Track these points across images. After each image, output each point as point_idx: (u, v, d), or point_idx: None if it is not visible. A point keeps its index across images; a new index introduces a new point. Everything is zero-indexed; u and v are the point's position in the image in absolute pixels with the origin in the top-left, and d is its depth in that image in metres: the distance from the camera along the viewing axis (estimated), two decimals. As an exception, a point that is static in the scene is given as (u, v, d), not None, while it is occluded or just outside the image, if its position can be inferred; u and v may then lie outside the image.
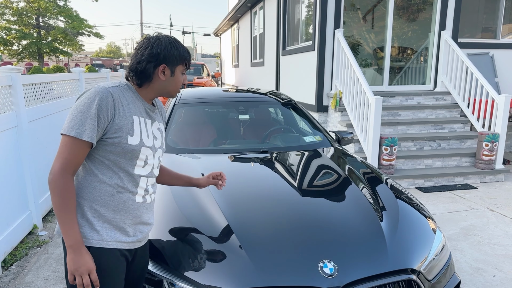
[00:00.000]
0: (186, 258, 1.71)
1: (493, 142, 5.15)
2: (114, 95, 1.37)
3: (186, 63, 1.50)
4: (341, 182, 2.37)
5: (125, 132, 1.38)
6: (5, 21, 23.62)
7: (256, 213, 1.97)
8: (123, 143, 1.38)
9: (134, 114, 1.42)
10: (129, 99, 1.43)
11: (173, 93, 1.52)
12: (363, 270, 1.66)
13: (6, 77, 3.27)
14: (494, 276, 2.91)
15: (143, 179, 1.48)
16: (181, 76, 1.50)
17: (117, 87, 1.41)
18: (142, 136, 1.44)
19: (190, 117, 3.45)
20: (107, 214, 1.41)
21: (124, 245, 1.45)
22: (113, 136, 1.36)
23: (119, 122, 1.37)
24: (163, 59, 1.42)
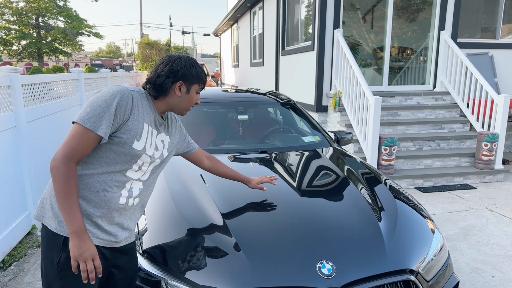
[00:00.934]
0: (184, 259, 1.71)
1: (492, 142, 5.15)
2: (134, 98, 1.43)
3: (202, 84, 1.58)
4: (339, 182, 2.37)
5: (133, 135, 1.42)
6: (5, 21, 23.61)
7: (254, 213, 1.97)
8: (128, 145, 1.41)
9: (146, 121, 1.47)
10: (144, 106, 1.48)
11: (184, 110, 1.59)
12: (361, 270, 1.66)
13: (5, 77, 3.27)
14: (493, 277, 2.91)
15: (130, 182, 1.49)
16: (195, 95, 1.58)
17: (137, 92, 1.48)
18: (146, 143, 1.48)
19: (189, 117, 3.44)
20: (88, 209, 1.41)
21: (100, 242, 1.45)
22: (121, 135, 1.39)
23: (131, 124, 1.41)
24: (181, 76, 1.51)
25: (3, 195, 3.15)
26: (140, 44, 26.65)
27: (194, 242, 1.78)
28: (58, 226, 1.39)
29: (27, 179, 3.56)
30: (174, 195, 2.17)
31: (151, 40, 26.43)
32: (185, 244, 1.78)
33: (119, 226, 1.51)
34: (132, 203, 1.53)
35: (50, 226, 1.40)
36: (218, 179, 2.36)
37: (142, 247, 1.80)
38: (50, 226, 1.40)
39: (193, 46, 43.34)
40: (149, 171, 1.56)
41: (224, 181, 2.33)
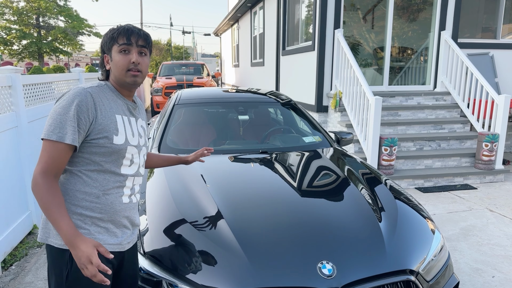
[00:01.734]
0: (185, 259, 1.72)
1: (492, 143, 5.15)
2: (94, 95, 1.34)
3: (117, 40, 1.39)
4: (340, 182, 2.37)
5: (110, 132, 1.35)
6: (5, 20, 23.62)
7: (255, 213, 1.97)
8: (109, 144, 1.35)
9: (116, 113, 1.40)
10: (110, 99, 1.40)
11: (122, 78, 1.40)
12: (362, 271, 1.67)
13: (6, 77, 3.28)
14: (493, 277, 2.91)
15: (130, 179, 1.46)
16: (118, 56, 1.39)
17: (96, 87, 1.39)
18: (127, 134, 1.42)
19: (189, 117, 3.45)
20: (93, 216, 1.37)
21: (113, 247, 1.42)
22: (98, 137, 1.33)
23: (102, 122, 1.34)
24: (102, 48, 1.44)
25: (4, 195, 3.16)
26: (140, 43, 26.63)
27: (195, 243, 1.79)
28: (62, 241, 1.33)
29: (28, 179, 3.57)
30: (175, 196, 2.18)
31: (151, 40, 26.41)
32: (186, 245, 1.79)
33: (128, 225, 1.49)
34: (136, 199, 1.52)
35: (56, 243, 1.35)
36: (219, 180, 2.36)
37: (144, 247, 1.81)
38: (56, 244, 1.35)
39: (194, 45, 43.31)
40: (142, 162, 1.52)
41: (224, 181, 2.34)
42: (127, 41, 1.38)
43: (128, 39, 1.38)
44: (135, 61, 1.38)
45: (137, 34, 1.40)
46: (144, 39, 1.41)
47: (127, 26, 1.41)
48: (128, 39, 1.38)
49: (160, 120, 3.45)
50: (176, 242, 1.81)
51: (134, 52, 1.39)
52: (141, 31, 1.42)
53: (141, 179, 1.53)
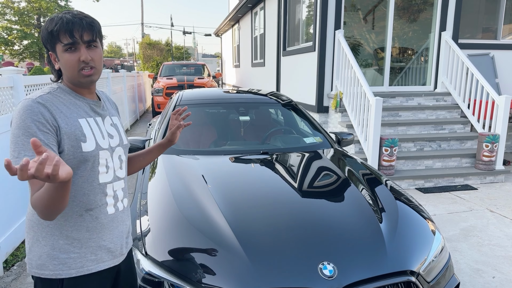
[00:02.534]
0: (186, 260, 1.73)
1: (493, 143, 5.15)
2: (46, 104, 1.16)
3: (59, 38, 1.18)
4: (340, 183, 2.38)
5: (76, 140, 1.19)
6: (7, 21, 23.67)
7: (256, 214, 1.98)
8: (78, 153, 1.19)
9: (79, 117, 1.23)
10: (67, 103, 1.22)
11: (76, 79, 1.22)
12: (363, 271, 1.67)
13: (8, 78, 3.29)
14: (494, 277, 2.92)
15: (109, 186, 1.31)
16: (65, 55, 1.19)
17: (47, 94, 1.20)
18: (96, 138, 1.25)
19: (190, 118, 3.46)
20: (81, 237, 1.24)
21: (108, 264, 1.32)
22: (64, 148, 1.17)
23: (66, 130, 1.17)
24: (45, 46, 1.23)
25: (6, 196, 3.17)
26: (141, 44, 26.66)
27: (197, 243, 1.80)
28: (54, 271, 1.22)
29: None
30: (176, 196, 2.19)
31: (152, 40, 26.45)
32: (187, 245, 1.80)
33: (120, 235, 1.37)
34: (122, 207, 1.38)
35: (45, 274, 1.22)
36: (220, 180, 2.37)
37: (145, 248, 1.82)
38: (45, 275, 1.22)
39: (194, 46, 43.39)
40: (118, 164, 1.36)
41: (225, 182, 2.34)
42: (71, 38, 1.17)
43: (72, 35, 1.17)
44: (85, 59, 1.19)
45: (79, 26, 1.17)
46: (89, 32, 1.20)
47: (66, 18, 1.17)
48: (71, 36, 1.17)
49: (161, 121, 3.47)
50: (178, 243, 1.82)
51: (82, 49, 1.19)
52: (83, 20, 1.19)
53: (122, 183, 1.38)
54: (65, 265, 1.23)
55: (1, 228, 3.06)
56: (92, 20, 1.22)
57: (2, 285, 2.84)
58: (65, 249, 1.23)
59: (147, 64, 25.95)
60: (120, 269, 1.42)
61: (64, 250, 1.22)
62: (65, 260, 1.23)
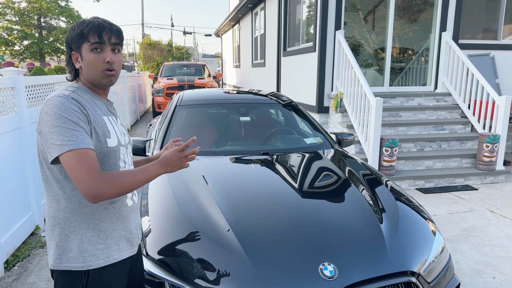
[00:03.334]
0: (187, 261, 1.73)
1: (493, 143, 5.16)
2: (75, 98, 1.23)
3: (88, 38, 1.25)
4: (341, 184, 2.38)
5: (103, 135, 1.27)
6: (7, 21, 23.67)
7: (257, 215, 1.98)
8: (104, 148, 1.27)
9: (102, 115, 1.31)
10: (89, 101, 1.29)
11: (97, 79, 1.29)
12: (363, 272, 1.68)
13: (8, 79, 3.30)
14: (494, 278, 2.92)
15: None
16: (91, 55, 1.26)
17: (72, 92, 1.26)
18: (118, 135, 1.35)
19: (191, 118, 3.47)
20: (106, 229, 1.32)
21: (128, 253, 1.40)
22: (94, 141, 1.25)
23: (95, 125, 1.26)
24: (69, 45, 1.30)
25: (7, 196, 3.17)
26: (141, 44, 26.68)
27: (197, 244, 1.80)
28: (84, 263, 1.27)
29: (30, 180, 3.59)
30: (177, 197, 2.19)
31: (152, 40, 26.45)
32: (188, 246, 1.80)
33: (137, 227, 1.47)
34: (136, 200, 1.49)
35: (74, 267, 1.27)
36: (221, 181, 2.37)
37: (146, 249, 1.82)
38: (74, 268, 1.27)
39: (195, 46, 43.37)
40: (131, 161, 1.45)
41: (226, 183, 2.35)
42: (99, 39, 1.25)
43: (100, 36, 1.25)
44: (110, 60, 1.27)
45: (109, 30, 1.27)
46: (117, 36, 1.30)
47: (97, 21, 1.27)
48: (100, 37, 1.25)
49: (162, 122, 3.47)
50: (179, 244, 1.82)
51: (108, 51, 1.28)
52: (112, 26, 1.29)
53: None
54: (94, 256, 1.29)
55: (2, 228, 3.06)
56: (120, 28, 1.34)
57: (3, 285, 2.85)
58: (93, 241, 1.29)
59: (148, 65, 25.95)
60: (133, 258, 1.49)
61: (92, 242, 1.29)
62: (93, 252, 1.29)
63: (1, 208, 3.06)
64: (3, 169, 3.13)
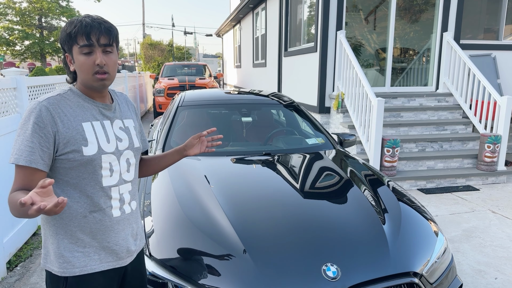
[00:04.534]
0: (190, 261, 1.73)
1: (495, 144, 5.15)
2: (50, 107, 1.20)
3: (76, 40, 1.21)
4: (343, 184, 2.39)
5: (77, 144, 1.22)
6: (8, 21, 23.71)
7: (259, 216, 1.99)
8: (79, 157, 1.22)
9: (83, 120, 1.25)
10: (74, 106, 1.26)
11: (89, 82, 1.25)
12: (366, 273, 1.68)
13: (11, 79, 3.30)
14: (496, 279, 2.92)
15: (114, 189, 1.31)
16: (81, 58, 1.22)
17: (56, 96, 1.24)
18: (99, 142, 1.27)
19: (193, 119, 3.47)
20: (85, 238, 1.27)
21: (112, 265, 1.33)
22: (65, 151, 1.21)
23: (67, 134, 1.21)
24: (63, 48, 1.27)
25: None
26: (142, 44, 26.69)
27: (200, 245, 1.80)
28: (60, 268, 1.27)
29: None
30: (179, 197, 2.19)
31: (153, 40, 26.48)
32: (191, 246, 1.80)
33: (126, 239, 1.36)
34: (129, 209, 1.38)
35: (53, 270, 1.28)
36: (223, 181, 2.37)
37: (149, 249, 1.83)
38: (53, 271, 1.28)
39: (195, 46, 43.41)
40: (126, 167, 1.36)
41: (228, 183, 2.35)
42: (87, 41, 1.20)
43: (88, 38, 1.20)
44: (100, 63, 1.22)
45: (97, 30, 1.21)
46: (106, 36, 1.23)
47: (85, 21, 1.21)
48: (88, 39, 1.20)
49: (163, 122, 3.47)
50: (182, 244, 1.83)
51: (98, 52, 1.22)
52: (101, 25, 1.22)
53: (129, 186, 1.38)
54: (69, 263, 1.26)
55: (5, 228, 3.07)
56: (111, 26, 1.25)
57: (5, 285, 2.85)
58: (70, 248, 1.26)
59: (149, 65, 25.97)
60: (127, 270, 1.42)
61: (68, 249, 1.26)
62: (69, 259, 1.26)
63: (3, 208, 3.06)
64: (5, 169, 3.14)
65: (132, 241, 1.40)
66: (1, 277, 2.92)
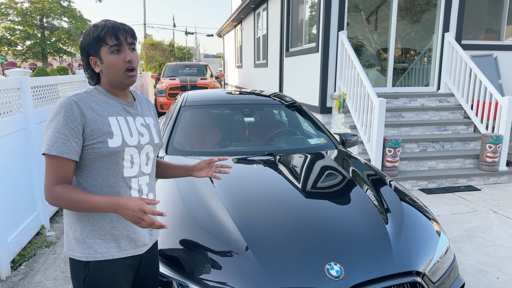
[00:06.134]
0: (195, 260, 1.75)
1: (496, 144, 5.16)
2: (79, 102, 1.29)
3: (106, 41, 1.31)
4: (346, 184, 2.40)
5: (104, 136, 1.31)
6: (10, 21, 23.76)
7: (262, 215, 2.00)
8: (104, 148, 1.30)
9: (109, 115, 1.34)
10: (100, 102, 1.35)
11: (119, 80, 1.35)
12: (369, 272, 1.69)
13: (15, 79, 3.32)
14: (498, 278, 2.93)
15: (134, 180, 1.40)
16: (111, 57, 1.32)
17: (84, 93, 1.34)
18: (123, 136, 1.35)
19: (196, 119, 3.48)
20: (106, 225, 1.35)
21: (130, 253, 1.41)
22: (92, 142, 1.30)
23: (94, 127, 1.29)
24: (86, 51, 1.35)
25: (13, 196, 3.20)
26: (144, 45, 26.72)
27: (204, 243, 1.82)
28: (82, 254, 1.35)
29: (36, 180, 3.61)
30: (183, 196, 2.21)
31: (155, 41, 26.50)
32: (196, 245, 1.82)
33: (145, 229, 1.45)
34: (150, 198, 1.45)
35: (76, 256, 1.36)
36: (226, 181, 2.39)
37: (154, 248, 1.84)
38: (76, 257, 1.36)
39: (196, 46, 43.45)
40: (145, 161, 1.44)
41: (232, 183, 2.36)
42: (117, 40, 1.31)
43: (117, 37, 1.31)
44: (131, 59, 1.33)
45: (124, 31, 1.33)
46: (131, 35, 1.35)
47: (111, 24, 1.32)
48: (117, 38, 1.31)
49: (166, 122, 3.49)
50: (186, 243, 1.84)
51: (127, 50, 1.33)
52: (125, 26, 1.34)
53: (147, 178, 1.46)
54: (91, 249, 1.34)
55: (9, 227, 3.09)
56: (132, 28, 1.38)
57: (10, 284, 2.87)
58: (92, 235, 1.34)
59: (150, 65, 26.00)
60: (142, 259, 1.49)
61: (91, 235, 1.34)
62: (91, 245, 1.35)
63: (7, 207, 3.08)
64: (9, 169, 3.16)
65: (148, 231, 1.48)
66: (6, 276, 2.94)
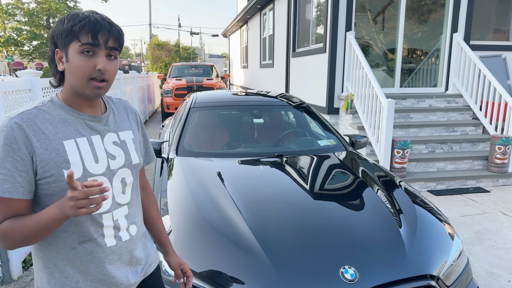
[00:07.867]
0: (206, 261, 1.75)
1: (506, 146, 5.12)
2: (24, 124, 0.99)
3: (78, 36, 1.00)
4: (358, 186, 2.39)
5: (58, 167, 1.01)
6: (16, 22, 23.94)
7: (275, 217, 2.00)
8: (61, 181, 1.02)
9: (65, 138, 1.04)
10: (54, 120, 1.05)
11: (81, 88, 1.04)
12: (383, 275, 1.69)
13: (26, 81, 3.34)
14: (510, 281, 2.90)
15: (106, 216, 1.11)
16: (78, 58, 1.01)
17: (32, 109, 1.04)
18: (85, 163, 1.06)
19: (205, 120, 3.49)
20: (76, 271, 1.09)
21: None
22: (45, 176, 1.01)
23: (45, 156, 1.00)
24: (53, 40, 1.05)
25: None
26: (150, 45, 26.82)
27: (217, 245, 1.82)
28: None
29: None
30: (195, 197, 2.21)
31: (161, 41, 26.60)
32: (208, 247, 1.82)
33: (124, 268, 1.18)
34: (127, 236, 1.17)
35: None
36: (236, 181, 2.39)
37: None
38: None
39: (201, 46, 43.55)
40: (120, 189, 1.15)
41: (243, 184, 2.36)
42: (93, 40, 1.01)
43: (95, 37, 1.01)
44: (102, 68, 1.02)
45: (107, 31, 1.02)
46: (116, 39, 1.05)
47: (94, 18, 1.01)
48: (94, 38, 1.01)
49: (176, 123, 3.50)
50: (198, 244, 1.84)
51: (102, 56, 1.02)
52: (113, 26, 1.04)
53: (125, 209, 1.17)
54: None
55: (20, 228, 3.10)
56: (121, 30, 1.08)
57: (22, 284, 2.89)
58: (61, 283, 1.09)
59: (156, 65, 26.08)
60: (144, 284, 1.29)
61: (60, 283, 1.09)
62: None
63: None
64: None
65: (132, 271, 1.21)
66: (17, 276, 2.96)
